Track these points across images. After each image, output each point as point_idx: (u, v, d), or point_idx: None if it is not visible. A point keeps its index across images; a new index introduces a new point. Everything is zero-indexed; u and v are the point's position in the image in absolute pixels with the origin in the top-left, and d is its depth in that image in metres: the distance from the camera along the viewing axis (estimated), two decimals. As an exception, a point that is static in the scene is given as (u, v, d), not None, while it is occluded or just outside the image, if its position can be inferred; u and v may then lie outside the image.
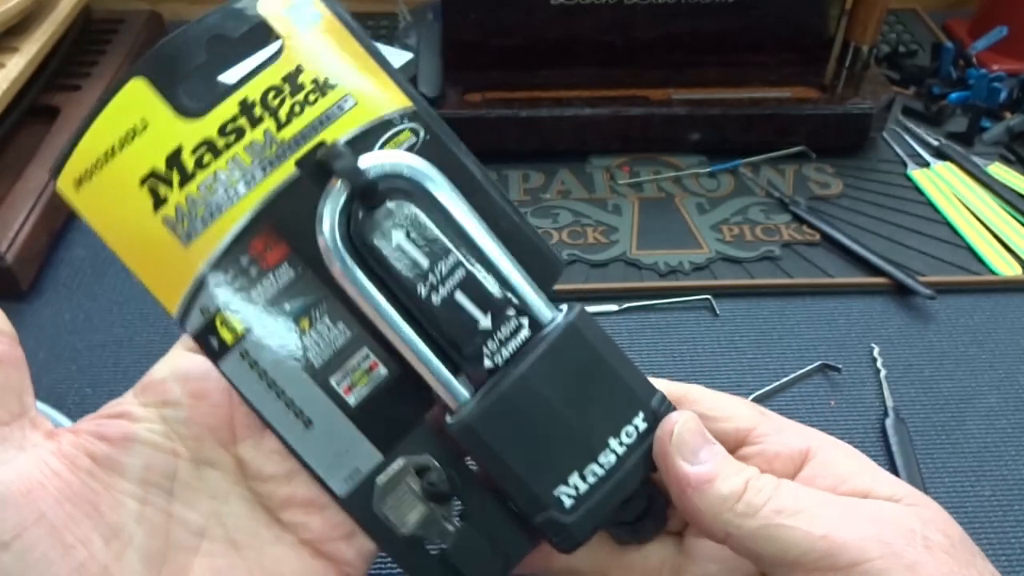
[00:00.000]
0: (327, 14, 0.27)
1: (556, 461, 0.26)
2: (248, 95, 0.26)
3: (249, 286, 0.26)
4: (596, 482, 0.26)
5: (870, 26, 0.62)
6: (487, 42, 0.61)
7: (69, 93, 0.64)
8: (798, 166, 0.61)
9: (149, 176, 0.26)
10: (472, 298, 0.26)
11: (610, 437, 0.26)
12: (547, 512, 0.26)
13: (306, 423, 0.27)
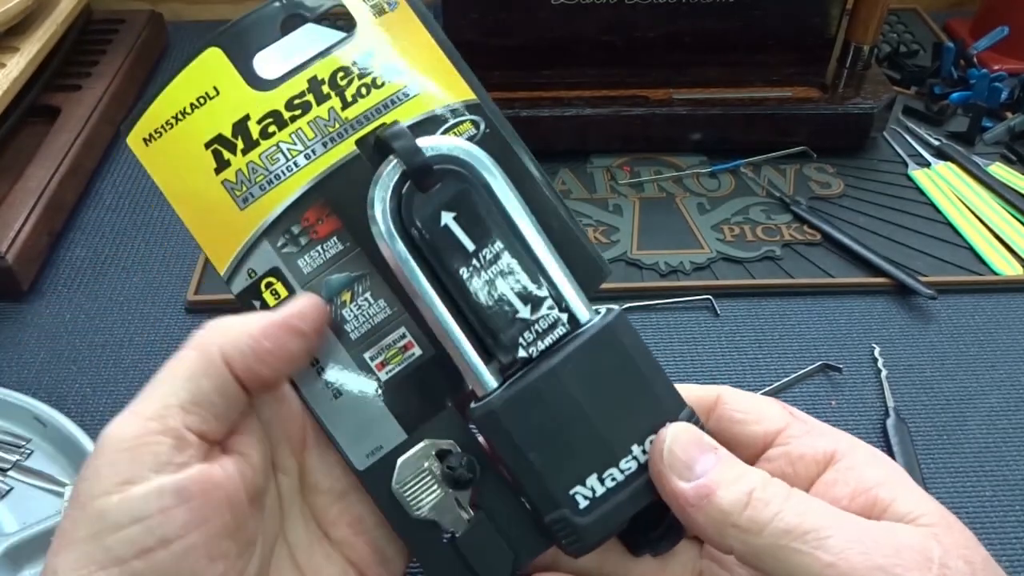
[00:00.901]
0: (402, 3, 0.28)
1: (576, 460, 0.25)
2: (318, 73, 0.27)
3: (298, 254, 0.27)
4: (614, 487, 0.25)
5: (871, 26, 0.61)
6: (488, 42, 0.61)
7: (69, 93, 0.64)
8: (799, 166, 0.61)
9: (215, 140, 0.26)
10: (513, 286, 0.26)
11: (634, 444, 0.26)
12: (560, 511, 0.25)
13: (335, 393, 0.27)
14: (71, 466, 0.42)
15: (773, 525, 0.23)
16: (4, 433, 0.44)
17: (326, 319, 0.26)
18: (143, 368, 0.48)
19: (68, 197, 0.57)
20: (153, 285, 0.53)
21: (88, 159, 0.61)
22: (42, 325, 0.50)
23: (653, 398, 0.26)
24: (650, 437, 0.26)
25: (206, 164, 0.27)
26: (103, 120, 0.63)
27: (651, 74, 0.62)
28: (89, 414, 0.45)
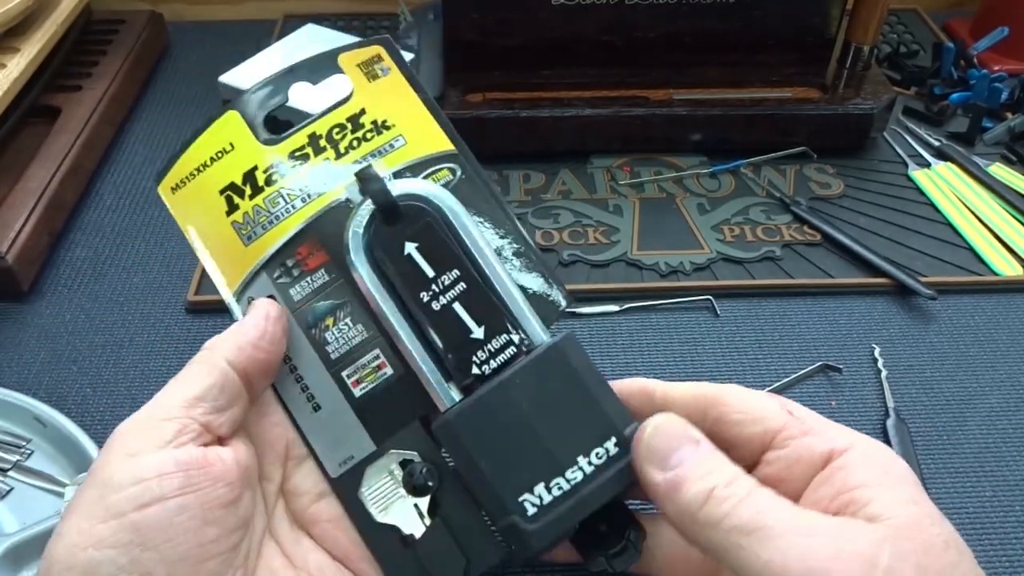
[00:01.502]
0: (394, 69, 0.33)
1: (524, 469, 0.27)
2: (316, 129, 0.31)
3: (290, 284, 0.31)
4: (560, 495, 0.27)
5: (871, 26, 0.62)
6: (488, 42, 0.61)
7: (70, 93, 0.64)
8: (799, 166, 0.61)
9: (228, 187, 0.31)
10: (469, 310, 0.29)
11: (580, 456, 0.27)
12: (509, 517, 0.27)
13: (315, 407, 0.30)
14: (71, 466, 0.42)
15: (726, 521, 0.24)
16: (4, 433, 0.44)
17: (286, 315, 0.31)
18: (143, 368, 0.48)
19: (68, 197, 0.57)
20: (153, 285, 0.53)
21: (88, 159, 0.61)
22: (42, 325, 0.50)
23: (599, 414, 0.28)
24: (596, 449, 0.27)
25: (220, 208, 0.31)
26: (103, 120, 0.63)
27: (651, 74, 0.62)
28: (89, 414, 0.45)
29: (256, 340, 0.29)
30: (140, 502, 0.24)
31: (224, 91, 0.52)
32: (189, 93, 0.71)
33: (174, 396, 0.27)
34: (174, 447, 0.25)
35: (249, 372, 0.28)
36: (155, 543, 0.23)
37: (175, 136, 0.66)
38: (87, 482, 0.25)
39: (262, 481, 0.30)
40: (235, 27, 0.79)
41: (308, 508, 0.30)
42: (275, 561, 0.28)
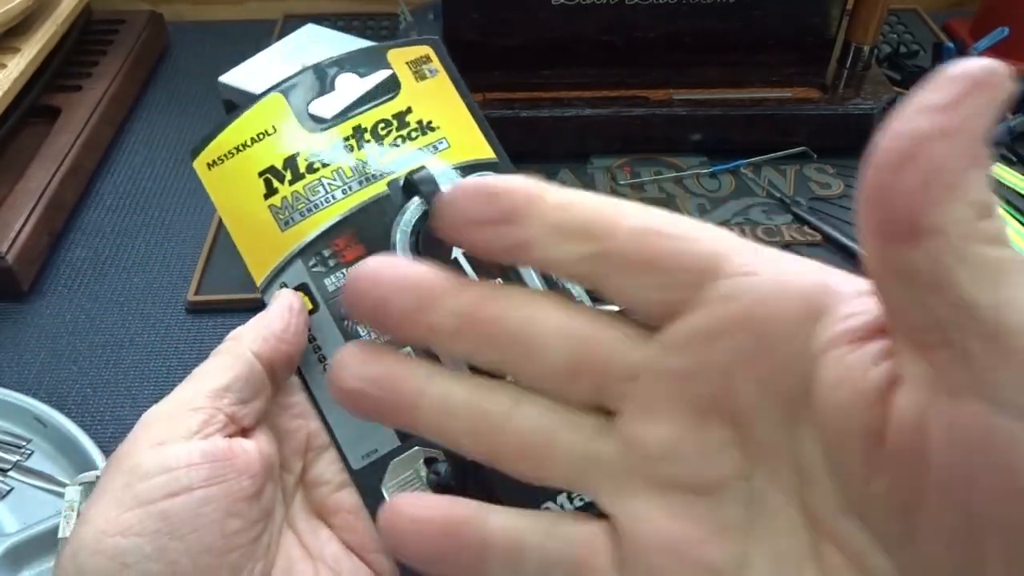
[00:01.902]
0: (441, 71, 0.33)
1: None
2: (362, 122, 0.31)
3: (326, 274, 0.31)
4: None
5: (871, 26, 0.61)
6: (488, 42, 0.61)
7: (70, 93, 0.64)
8: (799, 166, 0.61)
9: (268, 170, 0.31)
10: None
11: None
12: None
13: None
14: (71, 466, 0.42)
15: None
16: (4, 433, 0.44)
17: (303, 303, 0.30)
18: (143, 368, 0.48)
19: (68, 197, 0.57)
20: (153, 285, 0.53)
21: (88, 159, 0.61)
22: (42, 325, 0.50)
23: None
24: None
25: (258, 190, 0.31)
26: (104, 120, 0.63)
27: (651, 74, 0.62)
28: (89, 414, 0.45)
29: (280, 332, 0.29)
30: (168, 491, 0.24)
31: (224, 91, 0.52)
32: (189, 93, 0.71)
33: (200, 386, 0.27)
34: (200, 438, 0.25)
35: (273, 363, 0.28)
36: (181, 533, 0.24)
37: (175, 136, 0.66)
38: (112, 469, 0.25)
39: (282, 472, 0.30)
40: (235, 27, 0.79)
41: (327, 498, 0.30)
42: (293, 552, 0.29)
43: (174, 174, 0.62)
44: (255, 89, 0.50)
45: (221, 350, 0.28)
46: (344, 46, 0.55)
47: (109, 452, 0.42)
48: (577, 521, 0.21)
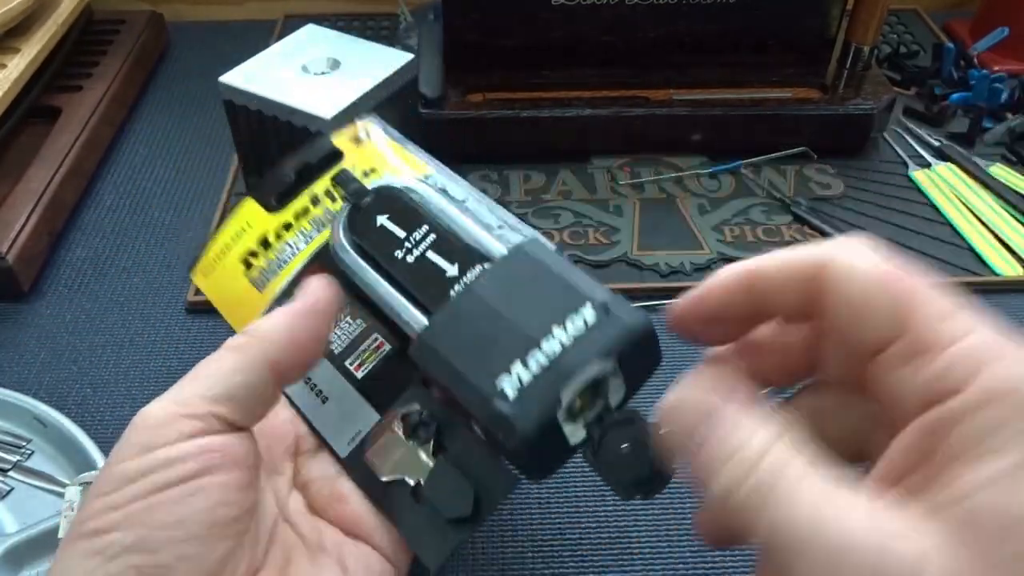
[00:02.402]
0: (372, 131, 0.37)
1: (499, 354, 0.25)
2: (315, 190, 0.35)
3: None
4: (540, 371, 0.25)
5: (871, 26, 0.62)
6: (488, 42, 0.61)
7: (70, 94, 0.64)
8: (799, 167, 0.61)
9: (247, 254, 0.35)
10: (441, 254, 0.30)
11: (554, 325, 0.25)
12: (491, 405, 0.25)
13: (323, 400, 0.32)
14: (71, 466, 0.42)
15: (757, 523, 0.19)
16: (4, 433, 0.44)
17: (339, 292, 0.30)
18: (143, 369, 0.48)
19: (69, 198, 0.57)
20: (153, 286, 0.53)
21: (89, 160, 0.61)
22: (42, 325, 0.50)
23: (567, 287, 0.26)
24: (571, 316, 0.25)
25: (239, 272, 0.35)
26: (104, 121, 0.63)
27: (651, 75, 0.62)
28: (89, 414, 0.45)
29: (305, 340, 0.28)
30: (154, 488, 0.24)
31: (224, 91, 0.52)
32: (189, 93, 0.71)
33: (202, 389, 0.26)
34: (189, 436, 0.25)
35: (287, 373, 0.27)
36: (164, 523, 0.24)
37: (175, 136, 0.66)
38: (104, 473, 0.25)
39: (272, 475, 0.30)
40: (235, 27, 0.79)
41: (323, 493, 0.30)
42: (290, 544, 0.29)
43: (174, 174, 0.62)
44: (255, 89, 0.50)
45: (233, 346, 0.27)
46: (344, 46, 0.55)
47: (109, 451, 0.42)
48: None
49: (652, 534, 0.40)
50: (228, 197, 0.58)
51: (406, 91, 0.55)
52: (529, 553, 0.39)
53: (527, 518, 0.40)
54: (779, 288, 0.23)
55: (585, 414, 0.26)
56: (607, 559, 0.39)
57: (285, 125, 0.50)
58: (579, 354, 0.25)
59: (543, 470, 0.26)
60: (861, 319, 0.21)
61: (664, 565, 0.39)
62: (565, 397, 0.24)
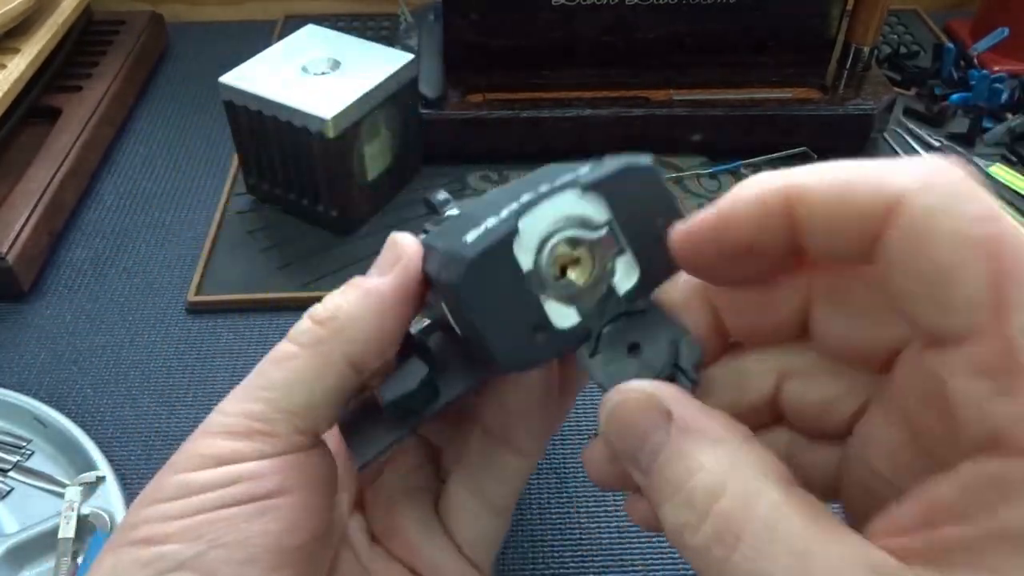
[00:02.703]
0: None
1: (476, 219, 0.21)
2: None
3: None
4: (509, 215, 0.20)
5: (871, 27, 0.61)
6: (488, 43, 0.61)
7: (70, 94, 0.64)
8: (799, 167, 0.61)
9: None
10: None
11: (541, 184, 0.21)
12: (452, 256, 0.20)
13: None
14: (71, 467, 0.42)
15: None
16: (4, 434, 0.44)
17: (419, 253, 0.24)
18: (144, 369, 0.48)
19: (69, 198, 0.57)
20: (154, 286, 0.53)
21: (89, 160, 0.61)
22: (43, 326, 0.50)
23: (569, 168, 0.22)
24: (562, 176, 0.21)
25: None
26: (104, 121, 0.63)
27: (651, 75, 0.62)
28: (90, 415, 0.45)
29: (393, 331, 0.23)
30: (220, 504, 0.21)
31: (224, 92, 0.52)
32: (189, 94, 0.71)
33: (278, 399, 0.22)
34: (269, 455, 0.22)
35: (368, 369, 0.23)
36: (224, 542, 0.21)
37: (176, 137, 0.66)
38: (163, 479, 0.22)
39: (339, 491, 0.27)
40: (235, 28, 0.79)
41: (384, 520, 0.27)
42: (353, 569, 0.26)
43: (174, 174, 0.62)
44: (255, 90, 0.50)
45: (307, 342, 0.22)
46: (344, 47, 0.55)
47: (109, 452, 0.42)
48: None
49: (652, 534, 0.40)
50: (228, 196, 0.58)
51: (406, 91, 0.55)
52: (529, 553, 0.39)
53: (527, 518, 0.40)
54: (828, 222, 0.17)
55: (584, 298, 0.21)
56: (607, 559, 0.39)
57: (285, 125, 0.50)
58: (554, 190, 0.20)
59: (507, 340, 0.20)
60: (934, 297, 0.15)
61: (664, 565, 0.39)
62: (528, 227, 0.20)
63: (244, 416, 0.22)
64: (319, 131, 0.49)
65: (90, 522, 0.39)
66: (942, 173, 0.15)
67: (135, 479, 0.42)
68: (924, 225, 0.15)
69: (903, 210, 0.15)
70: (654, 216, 0.21)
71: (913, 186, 0.15)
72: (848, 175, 0.16)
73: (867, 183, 0.16)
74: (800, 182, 0.17)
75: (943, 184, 0.15)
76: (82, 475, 0.40)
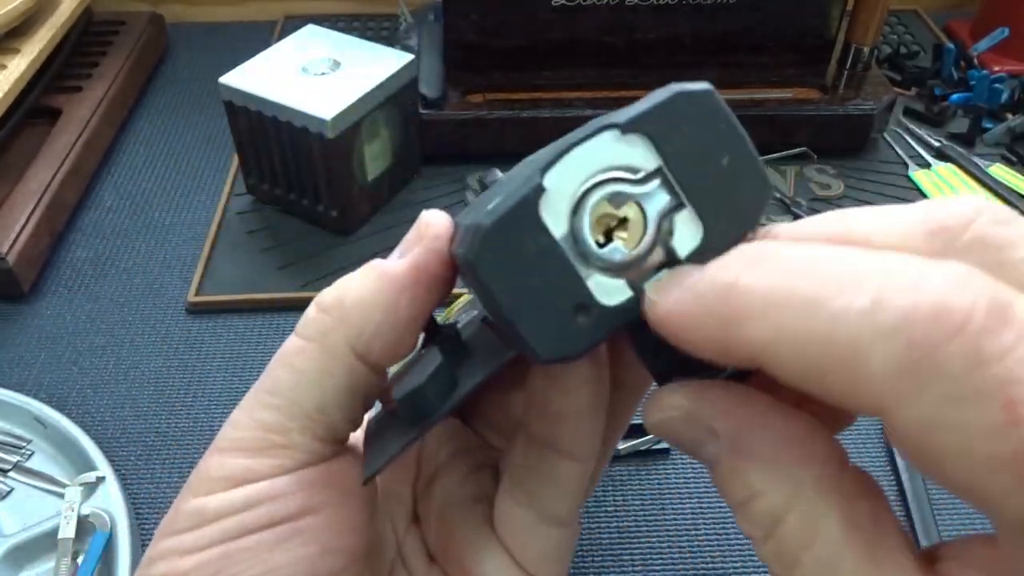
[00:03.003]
0: None
1: (506, 185, 0.18)
2: None
3: None
4: (532, 172, 0.16)
5: (871, 27, 0.62)
6: (488, 43, 0.61)
7: (70, 94, 0.64)
8: (799, 167, 0.61)
9: None
10: None
11: (577, 140, 0.17)
12: (469, 228, 0.17)
13: None
14: (71, 467, 0.42)
15: None
16: (4, 434, 0.44)
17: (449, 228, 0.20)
18: (144, 369, 0.48)
19: (69, 198, 0.57)
20: (154, 286, 0.53)
21: (89, 160, 0.61)
22: (43, 326, 0.50)
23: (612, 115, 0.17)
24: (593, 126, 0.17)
25: None
26: (104, 121, 0.63)
27: (652, 75, 0.62)
28: (90, 415, 0.45)
29: (407, 320, 0.20)
30: (239, 532, 0.19)
31: (225, 92, 0.52)
32: (189, 94, 0.71)
33: (289, 405, 0.20)
34: (289, 473, 0.20)
35: (380, 361, 0.20)
36: (247, 574, 0.19)
37: (176, 137, 0.66)
38: (180, 506, 0.20)
39: (390, 502, 0.24)
40: (235, 28, 0.79)
41: (437, 535, 0.24)
42: None
43: (174, 175, 0.62)
44: (255, 90, 0.50)
45: (309, 333, 0.20)
46: (344, 47, 0.55)
47: (109, 452, 0.42)
48: None
49: (652, 534, 0.40)
50: (228, 197, 0.58)
51: (406, 92, 0.55)
52: (529, 553, 0.39)
53: (527, 518, 0.40)
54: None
55: (636, 267, 0.17)
56: (607, 559, 0.39)
57: (285, 125, 0.50)
58: (587, 135, 0.16)
59: (540, 324, 0.16)
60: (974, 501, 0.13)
61: (663, 565, 0.39)
62: (556, 184, 0.16)
63: (256, 428, 0.20)
64: (319, 131, 0.49)
65: (90, 522, 0.39)
66: (921, 335, 0.12)
67: (135, 479, 0.42)
68: (930, 446, 0.12)
69: (895, 427, 0.13)
70: (717, 154, 0.16)
71: (893, 396, 0.12)
72: (818, 356, 0.13)
73: (841, 377, 0.13)
74: (761, 352, 0.14)
75: (931, 376, 0.12)
76: (82, 475, 0.40)
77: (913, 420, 0.12)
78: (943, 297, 0.12)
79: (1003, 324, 0.11)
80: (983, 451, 0.12)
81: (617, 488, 0.42)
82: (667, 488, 0.42)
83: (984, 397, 0.11)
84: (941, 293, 0.12)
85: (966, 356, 0.11)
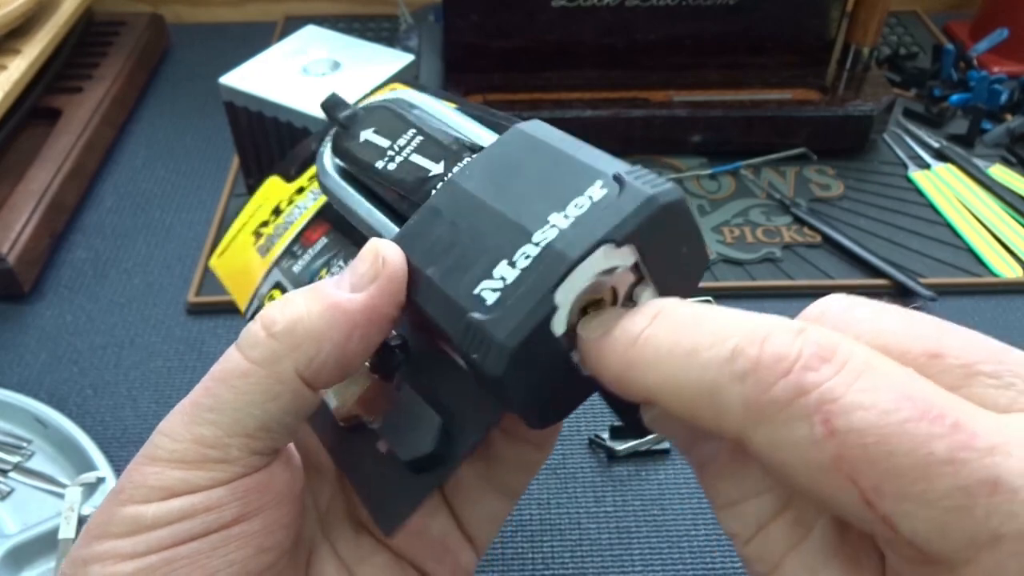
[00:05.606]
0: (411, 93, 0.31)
1: (482, 256, 0.19)
2: None
3: (293, 263, 0.31)
4: (529, 264, 0.19)
5: (871, 28, 0.62)
6: (488, 44, 0.61)
7: (71, 95, 0.64)
8: (799, 168, 0.61)
9: (258, 227, 0.33)
10: (426, 154, 0.24)
11: (552, 211, 0.19)
12: (465, 317, 0.19)
13: None
14: (72, 467, 0.42)
15: None
16: (5, 434, 0.44)
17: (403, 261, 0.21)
18: (144, 370, 0.48)
19: (69, 199, 0.58)
20: (154, 287, 0.53)
21: (89, 161, 0.61)
22: (43, 326, 0.50)
23: (574, 166, 0.21)
24: (576, 200, 0.19)
25: (249, 243, 0.33)
26: (104, 122, 0.63)
27: (651, 76, 0.62)
28: (90, 415, 0.45)
29: (356, 351, 0.21)
30: (176, 540, 0.20)
31: (225, 93, 0.52)
32: (190, 95, 0.71)
33: (229, 423, 0.20)
34: (224, 486, 0.20)
35: (325, 383, 0.21)
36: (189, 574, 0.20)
37: (176, 138, 0.66)
38: (111, 508, 0.20)
39: (309, 473, 0.25)
40: (236, 29, 0.79)
41: None
42: (328, 568, 0.24)
43: (174, 175, 0.62)
44: (256, 91, 0.51)
45: (256, 357, 0.20)
46: (344, 48, 0.55)
47: (109, 452, 0.42)
48: None
49: (652, 535, 0.40)
50: (228, 197, 0.58)
51: (406, 92, 0.55)
52: (529, 553, 0.39)
53: (527, 518, 0.41)
54: None
55: None
56: (607, 559, 0.39)
57: (285, 126, 0.51)
58: (581, 239, 0.18)
59: (543, 407, 0.20)
60: None
61: (663, 566, 0.39)
62: (562, 298, 0.18)
63: (194, 441, 0.20)
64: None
65: (90, 522, 0.39)
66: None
67: (135, 479, 0.42)
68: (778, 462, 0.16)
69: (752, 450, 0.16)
70: (679, 245, 0.20)
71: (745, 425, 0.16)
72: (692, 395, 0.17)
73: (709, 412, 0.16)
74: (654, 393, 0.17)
75: (769, 407, 0.15)
76: (82, 475, 0.40)
77: (762, 442, 0.15)
78: (779, 347, 0.15)
79: (822, 362, 0.15)
80: (814, 460, 0.15)
81: (617, 488, 0.42)
82: (667, 488, 0.42)
83: (806, 417, 0.15)
84: (780, 344, 0.15)
85: (792, 388, 0.15)
